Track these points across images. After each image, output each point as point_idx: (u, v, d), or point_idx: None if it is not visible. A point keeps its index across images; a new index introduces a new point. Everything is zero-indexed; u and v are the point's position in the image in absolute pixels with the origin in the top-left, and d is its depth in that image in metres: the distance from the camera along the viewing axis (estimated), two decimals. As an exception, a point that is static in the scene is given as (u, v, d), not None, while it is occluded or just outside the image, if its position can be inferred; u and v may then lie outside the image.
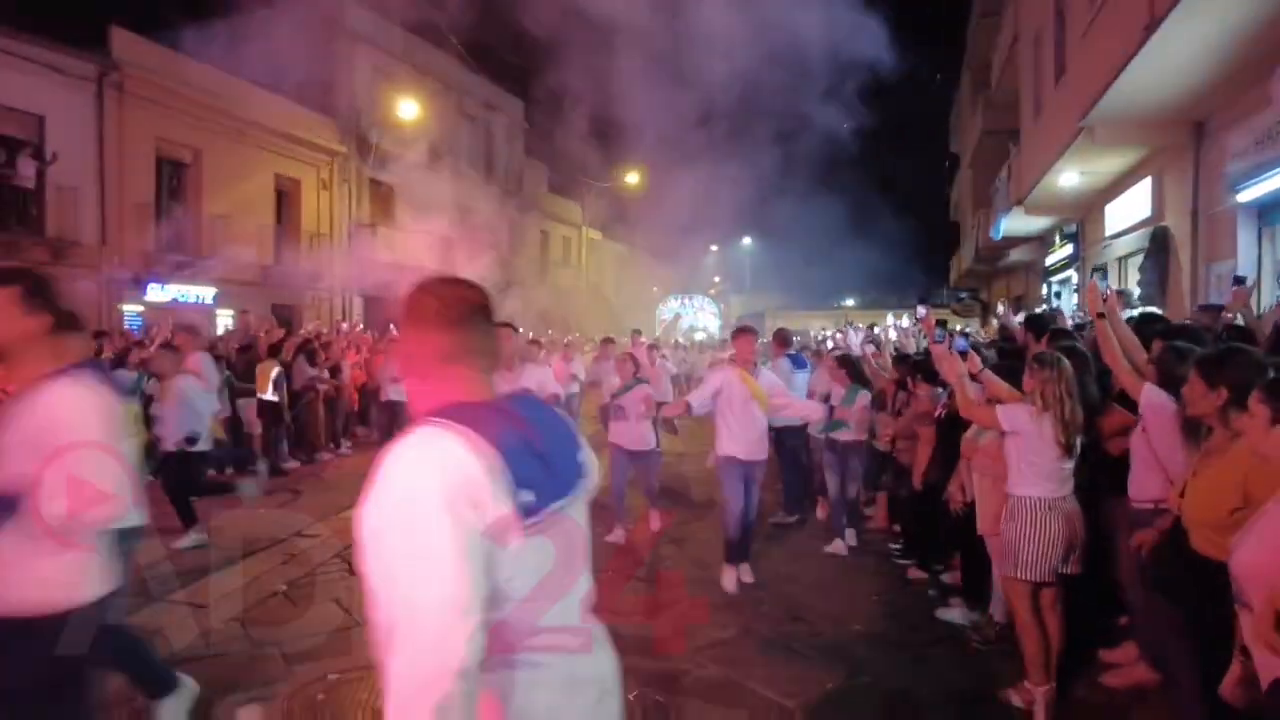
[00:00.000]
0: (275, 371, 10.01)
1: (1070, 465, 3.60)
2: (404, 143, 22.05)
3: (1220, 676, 2.26)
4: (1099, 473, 3.83)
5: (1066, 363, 3.60)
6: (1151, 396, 3.33)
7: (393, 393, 10.68)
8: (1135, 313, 5.61)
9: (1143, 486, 3.43)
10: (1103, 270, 11.40)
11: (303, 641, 4.50)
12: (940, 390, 5.00)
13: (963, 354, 4.11)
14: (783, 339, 7.88)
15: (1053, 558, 3.57)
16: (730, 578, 5.44)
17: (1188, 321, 5.03)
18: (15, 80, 12.97)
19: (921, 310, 5.22)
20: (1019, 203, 13.60)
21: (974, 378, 4.07)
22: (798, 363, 7.67)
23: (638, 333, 13.52)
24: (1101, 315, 3.77)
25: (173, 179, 16.47)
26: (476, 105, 26.42)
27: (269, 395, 9.86)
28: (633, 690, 3.89)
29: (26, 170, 13.10)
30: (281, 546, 6.31)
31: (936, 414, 5.04)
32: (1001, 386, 4.00)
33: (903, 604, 5.22)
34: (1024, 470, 3.64)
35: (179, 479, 6.39)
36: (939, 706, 3.84)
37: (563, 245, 34.20)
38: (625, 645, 4.34)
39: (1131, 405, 3.69)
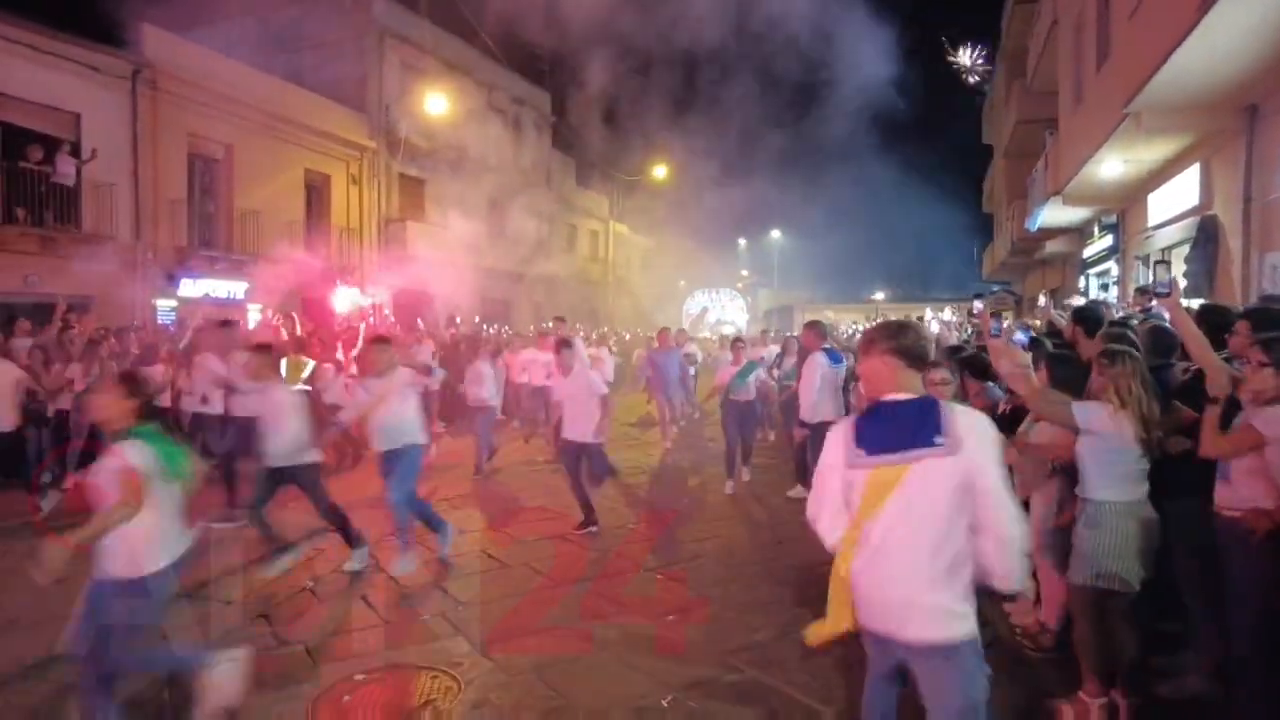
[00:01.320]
0: (309, 366, 10.06)
1: (1147, 465, 3.40)
2: (433, 137, 22.10)
3: None
4: (1155, 474, 3.62)
5: (1138, 356, 3.41)
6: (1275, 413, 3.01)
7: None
8: (1195, 304, 5.35)
9: (1239, 494, 3.15)
10: (1166, 264, 10.94)
11: (329, 639, 4.45)
12: (992, 385, 4.79)
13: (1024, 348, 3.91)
14: (819, 332, 7.68)
15: (1133, 566, 3.36)
16: None
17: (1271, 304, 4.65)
18: (52, 79, 13.15)
19: (978, 305, 4.83)
20: (1057, 193, 13.24)
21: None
22: (834, 358, 7.47)
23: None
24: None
25: (205, 175, 16.61)
26: (504, 99, 26.40)
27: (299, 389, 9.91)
28: (667, 696, 3.78)
29: (66, 168, 13.28)
30: (310, 542, 6.28)
31: (1000, 410, 4.79)
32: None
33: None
34: (1103, 473, 3.42)
35: None
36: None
37: (590, 239, 34.12)
38: (655, 647, 4.27)
39: (1189, 402, 3.50)
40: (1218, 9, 5.99)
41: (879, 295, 49.29)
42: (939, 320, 8.82)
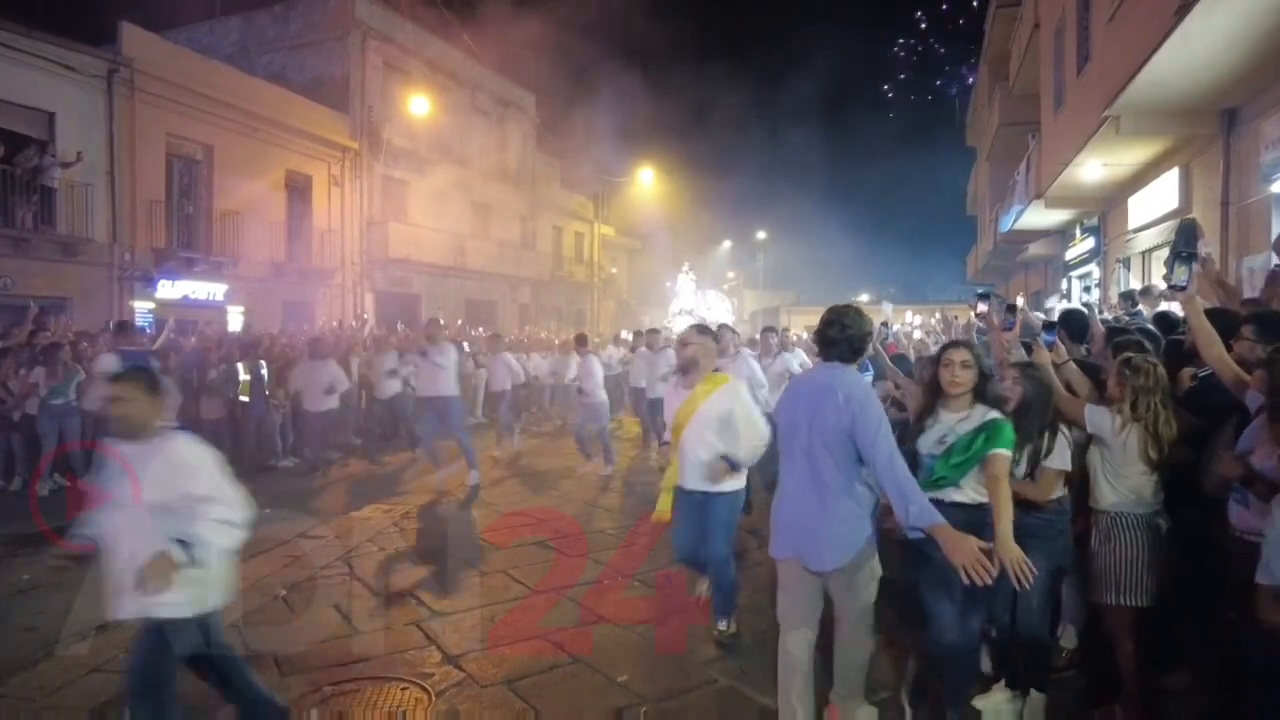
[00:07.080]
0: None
1: (1156, 477, 3.26)
2: (416, 138, 21.96)
3: None
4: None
5: (1162, 369, 3.26)
6: None
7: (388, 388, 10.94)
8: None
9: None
10: (1183, 256, 10.95)
11: (299, 648, 4.37)
12: None
13: (1049, 346, 3.76)
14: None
15: (1155, 578, 3.23)
16: None
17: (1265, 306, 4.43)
18: (26, 77, 12.92)
19: (982, 306, 4.32)
20: (1039, 196, 13.30)
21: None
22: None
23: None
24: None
25: (184, 175, 16.39)
26: (489, 100, 26.28)
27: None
28: (642, 706, 3.73)
29: (52, 170, 13.07)
30: (284, 548, 6.19)
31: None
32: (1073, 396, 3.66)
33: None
34: (1111, 483, 3.31)
35: None
36: None
37: (575, 241, 34.01)
38: (630, 653, 4.21)
39: (1194, 410, 3.42)
40: (1194, 15, 6.01)
41: (864, 297, 49.48)
42: (911, 325, 8.76)
